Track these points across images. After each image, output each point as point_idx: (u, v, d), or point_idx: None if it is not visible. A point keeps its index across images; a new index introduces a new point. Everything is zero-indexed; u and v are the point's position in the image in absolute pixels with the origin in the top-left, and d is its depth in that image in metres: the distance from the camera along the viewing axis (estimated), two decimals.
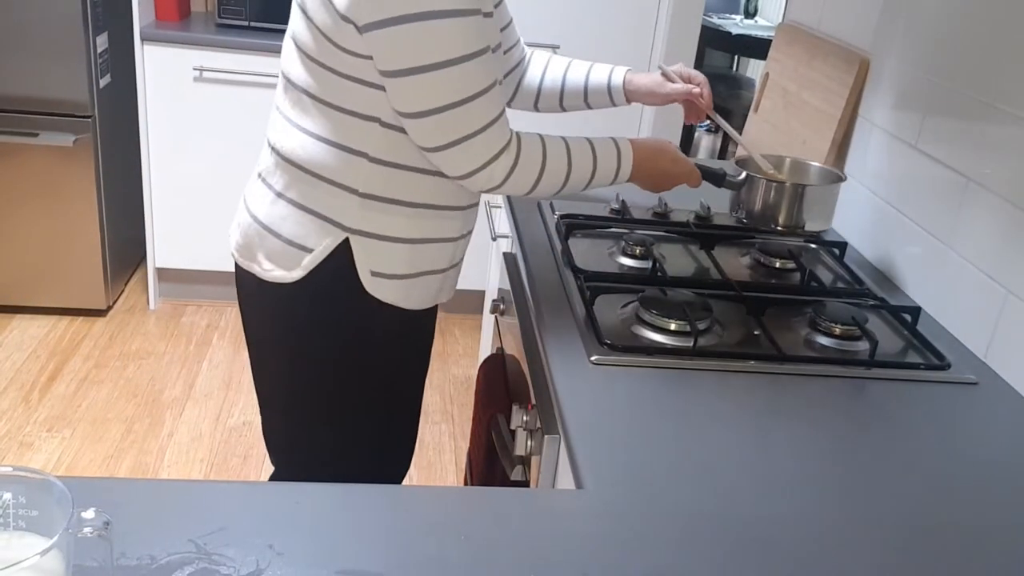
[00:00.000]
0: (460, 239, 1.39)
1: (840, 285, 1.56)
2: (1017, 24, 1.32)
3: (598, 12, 3.01)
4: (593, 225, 1.66)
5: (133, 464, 2.42)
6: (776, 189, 1.52)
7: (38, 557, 0.62)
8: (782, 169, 1.66)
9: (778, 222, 1.52)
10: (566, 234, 1.58)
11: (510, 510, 0.92)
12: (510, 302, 1.60)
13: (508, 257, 1.77)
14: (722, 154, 5.34)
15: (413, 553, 0.84)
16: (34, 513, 0.69)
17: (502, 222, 1.95)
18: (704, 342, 1.28)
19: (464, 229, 1.39)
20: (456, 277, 1.46)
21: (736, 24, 5.36)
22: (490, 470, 1.51)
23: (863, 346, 1.33)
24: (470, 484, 1.75)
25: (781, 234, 1.59)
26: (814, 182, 1.63)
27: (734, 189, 1.55)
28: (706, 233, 1.66)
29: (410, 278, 1.34)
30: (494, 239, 2.09)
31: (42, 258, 2.99)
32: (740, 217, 1.57)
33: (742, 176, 1.54)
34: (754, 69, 5.62)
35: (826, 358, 1.29)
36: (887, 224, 1.62)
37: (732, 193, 1.57)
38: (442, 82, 1.15)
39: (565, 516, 0.92)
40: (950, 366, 1.29)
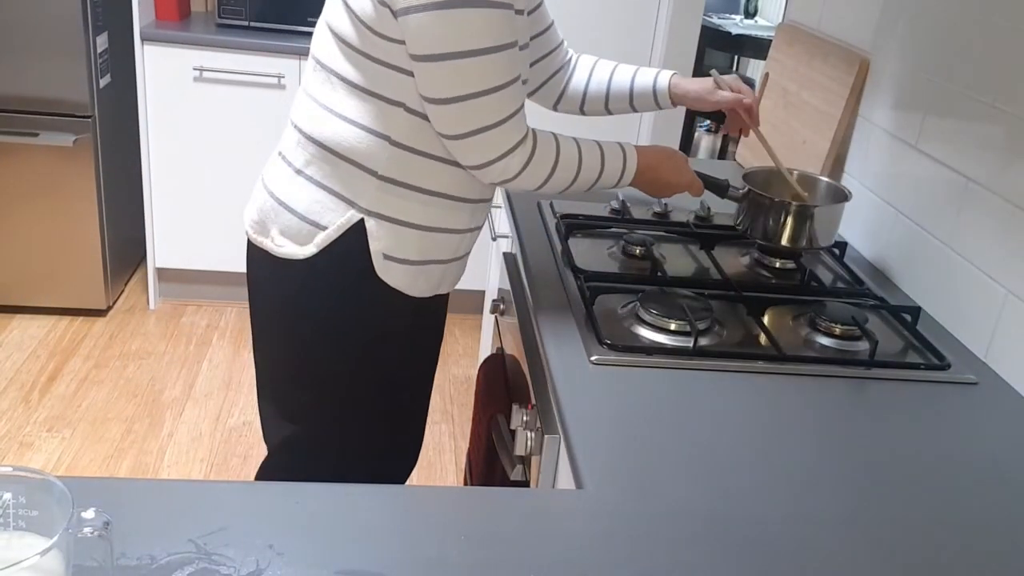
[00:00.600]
0: (468, 232, 1.40)
1: (840, 285, 1.56)
2: (1017, 24, 1.32)
3: (598, 12, 3.01)
4: (593, 225, 1.66)
5: (133, 464, 2.42)
6: (784, 209, 1.51)
7: (38, 557, 0.62)
8: (789, 183, 1.66)
9: (782, 241, 1.52)
10: (566, 234, 1.58)
11: (510, 510, 0.92)
12: (510, 302, 1.60)
13: (508, 257, 1.77)
14: (722, 154, 5.34)
15: (413, 553, 0.84)
16: (34, 513, 0.69)
17: (502, 222, 1.95)
18: (704, 342, 1.28)
19: (472, 223, 1.40)
20: (459, 270, 1.47)
21: (736, 24, 5.36)
22: (490, 470, 1.51)
23: (863, 346, 1.33)
24: (470, 484, 1.75)
25: (786, 250, 1.58)
26: (821, 197, 1.62)
27: (737, 201, 1.56)
28: (706, 233, 1.66)
29: (418, 265, 1.36)
30: (494, 239, 2.09)
31: (42, 258, 2.99)
32: (745, 231, 1.57)
33: (744, 190, 1.55)
34: (754, 69, 5.62)
35: (826, 358, 1.29)
36: (887, 224, 1.62)
37: (738, 205, 1.58)
38: (469, 70, 1.17)
39: (565, 516, 0.92)
40: (950, 366, 1.29)
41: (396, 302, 1.37)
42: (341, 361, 1.41)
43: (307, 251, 1.33)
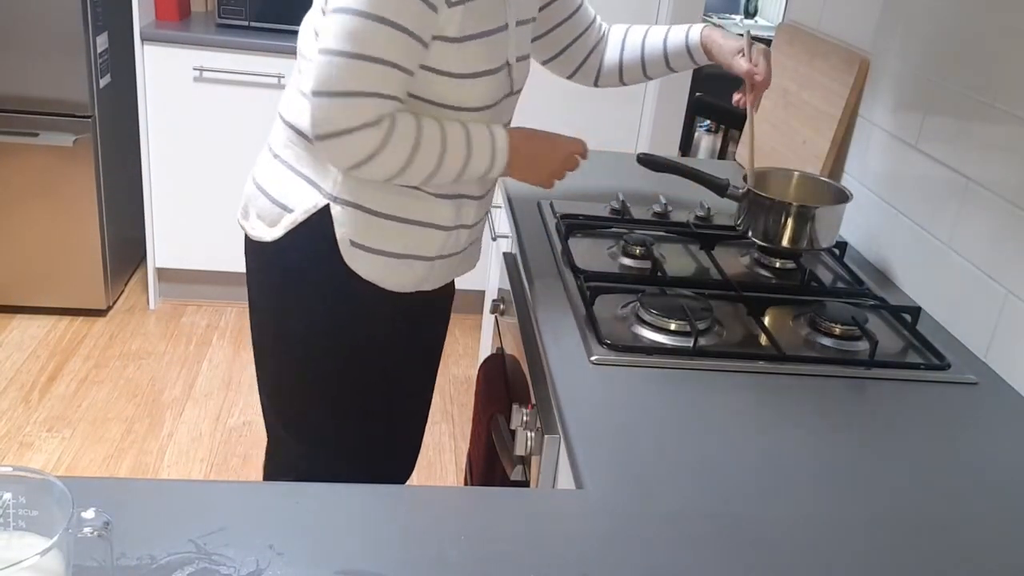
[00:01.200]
0: (454, 230, 1.38)
1: (840, 285, 1.56)
2: (1017, 24, 1.32)
3: (598, 12, 3.01)
4: (593, 225, 1.66)
5: (133, 464, 2.42)
6: (784, 210, 1.51)
7: (38, 557, 0.62)
8: (790, 183, 1.66)
9: (783, 242, 1.52)
10: (566, 234, 1.58)
11: (510, 510, 0.92)
12: (510, 302, 1.60)
13: (508, 257, 1.77)
14: (722, 154, 5.34)
15: (413, 553, 0.84)
16: (34, 513, 0.69)
17: (502, 222, 1.95)
18: (704, 342, 1.28)
19: (458, 220, 1.38)
20: (448, 270, 1.44)
21: (736, 24, 5.37)
22: (490, 470, 1.51)
23: (863, 346, 1.33)
24: (470, 484, 1.75)
25: (786, 251, 1.58)
26: (822, 198, 1.62)
27: (737, 200, 1.56)
28: (706, 233, 1.66)
29: (395, 257, 1.34)
30: (494, 239, 2.09)
31: (42, 258, 2.99)
32: (744, 232, 1.57)
33: (743, 190, 1.55)
34: None
35: (826, 358, 1.29)
36: (887, 224, 1.62)
37: (738, 205, 1.58)
38: (355, 28, 1.16)
39: (565, 516, 0.92)
40: (950, 366, 1.29)
41: (371, 294, 1.36)
42: (318, 350, 1.41)
43: (275, 233, 1.35)
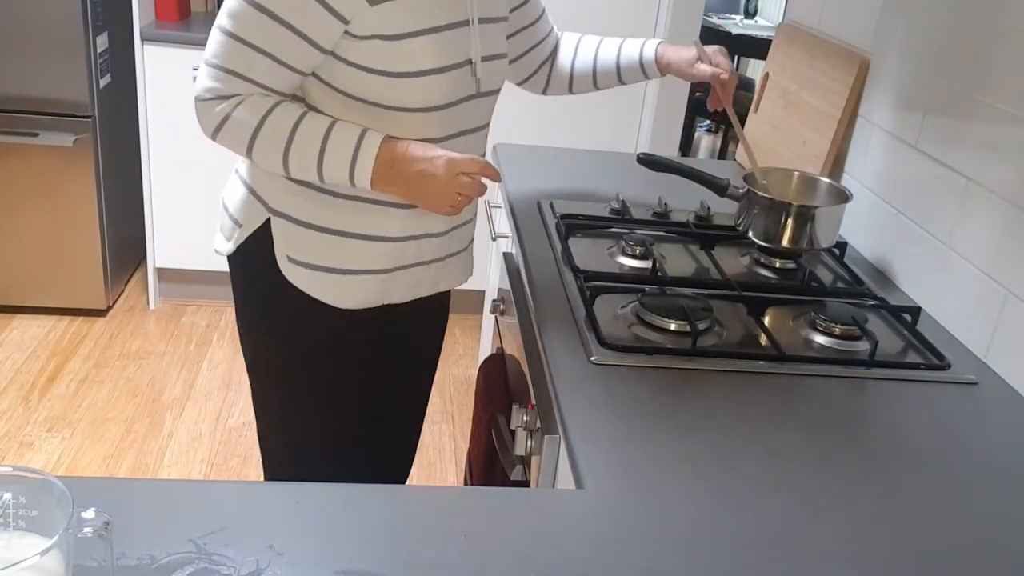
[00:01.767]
0: (409, 240, 1.32)
1: (840, 285, 1.56)
2: (1017, 25, 1.32)
3: (597, 12, 3.01)
4: (593, 225, 1.66)
5: (133, 464, 2.42)
6: (784, 210, 1.51)
7: (38, 557, 0.62)
8: (790, 184, 1.66)
9: (783, 242, 1.52)
10: (566, 234, 1.58)
11: (510, 510, 0.92)
12: (510, 302, 1.60)
13: (508, 257, 1.77)
14: (722, 154, 5.34)
15: (413, 553, 0.84)
16: (34, 513, 0.69)
17: (502, 222, 1.95)
18: (704, 342, 1.28)
19: (409, 231, 1.32)
20: (413, 281, 1.37)
21: (736, 24, 5.37)
22: (490, 470, 1.51)
23: (863, 346, 1.33)
24: (470, 484, 1.75)
25: (786, 251, 1.58)
26: (821, 198, 1.62)
27: (737, 200, 1.57)
28: (706, 233, 1.66)
29: (335, 273, 1.30)
30: (494, 239, 2.09)
31: (42, 258, 2.99)
32: (745, 232, 1.57)
33: (744, 189, 1.55)
34: (754, 69, 5.62)
35: (826, 358, 1.29)
36: (887, 224, 1.62)
37: (738, 205, 1.58)
38: (237, 10, 1.16)
39: (565, 516, 0.92)
40: (950, 366, 1.29)
41: (318, 311, 1.32)
42: (274, 363, 1.41)
43: (228, 247, 1.37)
